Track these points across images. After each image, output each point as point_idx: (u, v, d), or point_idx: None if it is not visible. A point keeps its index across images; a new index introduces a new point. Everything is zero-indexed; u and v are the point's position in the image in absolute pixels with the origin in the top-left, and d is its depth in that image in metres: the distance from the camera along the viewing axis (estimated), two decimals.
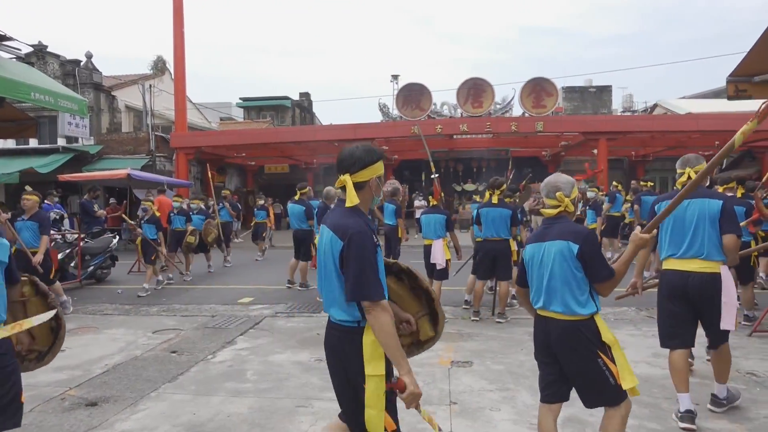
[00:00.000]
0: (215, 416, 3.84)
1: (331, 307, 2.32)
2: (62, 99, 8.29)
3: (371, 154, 2.32)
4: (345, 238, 2.18)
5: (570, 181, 2.88)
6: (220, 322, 6.76)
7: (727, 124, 17.19)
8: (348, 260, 2.15)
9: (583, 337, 2.68)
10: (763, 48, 6.12)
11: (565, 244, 2.69)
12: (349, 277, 2.15)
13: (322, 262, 2.34)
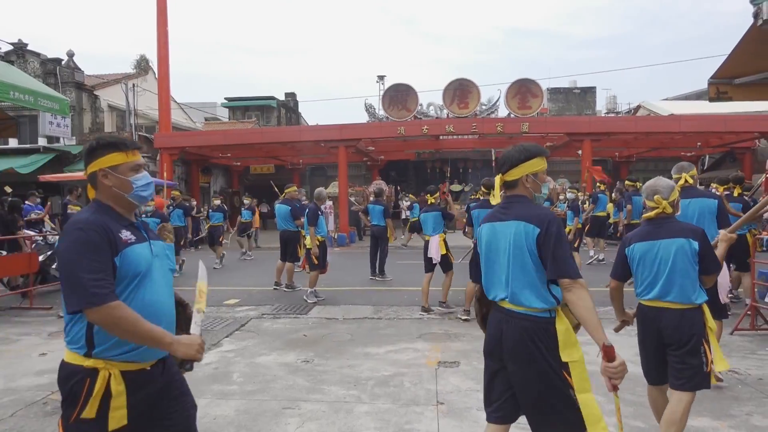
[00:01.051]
0: (201, 419, 3.78)
1: (520, 297, 2.33)
2: (43, 98, 8.18)
3: (523, 152, 2.46)
4: (543, 224, 2.30)
5: (669, 185, 3.10)
6: (205, 323, 6.70)
7: (708, 126, 17.48)
8: (548, 243, 2.26)
9: (697, 322, 2.97)
10: (744, 51, 6.23)
11: (686, 241, 2.98)
12: (550, 259, 2.25)
13: (504, 255, 2.39)
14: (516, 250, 2.35)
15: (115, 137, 2.05)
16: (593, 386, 2.31)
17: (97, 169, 1.97)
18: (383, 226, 10.09)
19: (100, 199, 1.98)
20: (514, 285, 2.35)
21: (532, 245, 2.31)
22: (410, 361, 5.06)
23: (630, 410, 3.82)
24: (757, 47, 6.06)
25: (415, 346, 5.58)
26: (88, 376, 1.84)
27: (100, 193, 1.99)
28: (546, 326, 2.31)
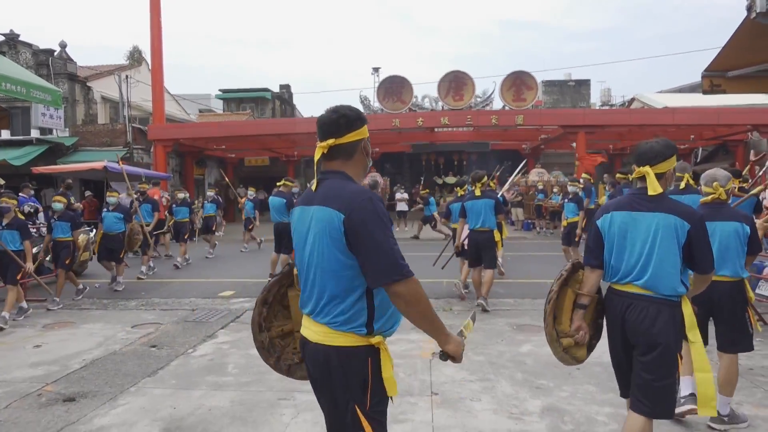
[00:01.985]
0: (196, 410, 3.82)
1: (659, 283, 2.55)
2: (35, 90, 8.10)
3: (671, 148, 2.70)
4: (694, 221, 2.56)
5: (726, 176, 3.52)
6: (200, 315, 6.71)
7: (702, 118, 17.54)
8: (699, 239, 2.55)
9: (742, 293, 3.45)
10: (737, 44, 6.26)
11: (740, 225, 3.42)
12: (699, 254, 2.56)
13: (644, 243, 2.60)
14: (663, 241, 2.56)
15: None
16: None
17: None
18: None
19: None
20: (654, 272, 2.56)
21: (681, 239, 2.55)
22: (404, 352, 5.09)
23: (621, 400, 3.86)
24: (751, 40, 6.08)
25: (409, 337, 5.60)
26: (369, 355, 1.83)
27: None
28: (676, 309, 2.58)
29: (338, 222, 1.79)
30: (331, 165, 1.97)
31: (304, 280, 1.94)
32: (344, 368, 1.83)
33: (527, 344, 5.27)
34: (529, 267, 10.33)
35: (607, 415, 3.60)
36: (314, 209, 1.89)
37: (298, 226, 1.99)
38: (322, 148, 1.94)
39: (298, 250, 1.99)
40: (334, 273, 1.83)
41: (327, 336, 1.85)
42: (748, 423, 3.43)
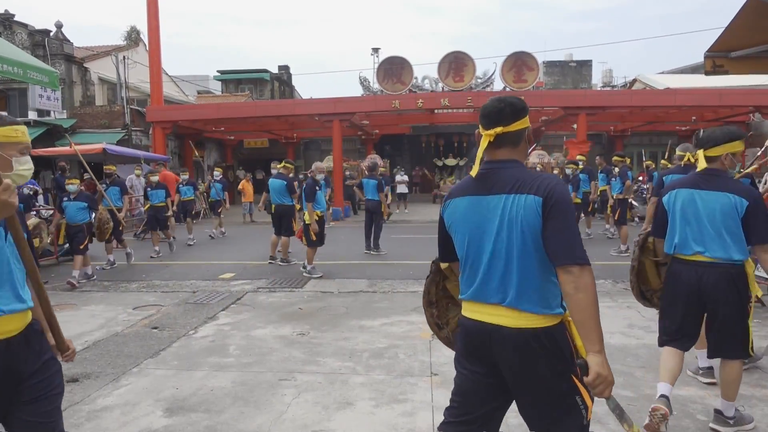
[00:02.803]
0: (198, 390, 3.85)
1: (727, 252, 3.01)
2: (32, 71, 8.02)
3: (728, 134, 3.09)
4: (751, 198, 2.97)
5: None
6: (201, 297, 6.74)
7: (703, 100, 17.44)
8: (757, 214, 2.95)
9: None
10: (741, 24, 6.18)
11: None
12: (759, 226, 2.95)
13: (707, 219, 3.05)
14: (724, 217, 3.00)
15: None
16: None
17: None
18: (377, 200, 10.10)
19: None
20: (720, 243, 3.01)
21: (740, 214, 2.97)
22: (404, 333, 5.12)
23: (620, 380, 3.90)
24: (755, 20, 6.01)
25: (409, 318, 5.64)
26: (565, 329, 1.94)
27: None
28: (743, 271, 3.05)
29: (536, 206, 1.85)
30: (499, 153, 2.01)
31: (487, 270, 1.96)
32: (552, 347, 1.90)
33: None
34: None
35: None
36: (501, 198, 1.92)
37: (470, 216, 2.01)
38: (489, 136, 1.98)
39: (473, 240, 2.00)
40: (530, 258, 1.88)
41: (529, 320, 1.90)
42: (753, 424, 3.27)
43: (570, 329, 1.93)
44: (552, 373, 1.90)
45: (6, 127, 1.95)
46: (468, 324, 2.05)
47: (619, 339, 4.85)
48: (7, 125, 1.95)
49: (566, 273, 1.78)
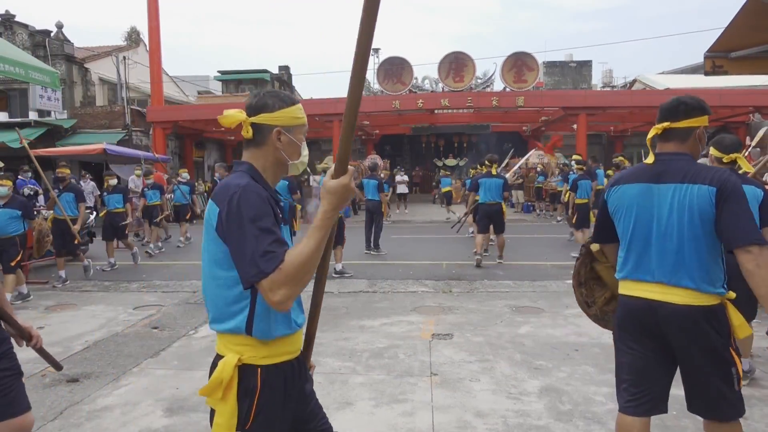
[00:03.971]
0: (198, 390, 3.85)
1: None
2: (33, 71, 8.04)
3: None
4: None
5: None
6: (201, 297, 6.74)
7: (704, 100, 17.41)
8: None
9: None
10: (741, 24, 6.19)
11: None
12: None
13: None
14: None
15: None
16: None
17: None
18: (378, 200, 10.11)
19: None
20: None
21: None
22: (404, 333, 5.13)
23: None
24: (755, 20, 6.01)
25: (409, 318, 5.65)
26: (725, 309, 2.21)
27: None
28: None
29: (710, 195, 2.07)
30: (667, 147, 2.26)
31: (655, 251, 2.19)
32: (716, 323, 2.14)
33: (526, 326, 5.30)
34: (528, 249, 10.35)
35: (605, 396, 3.63)
36: (672, 186, 2.17)
37: (640, 202, 2.24)
38: (656, 130, 2.25)
39: (640, 223, 2.23)
40: (698, 241, 2.11)
41: (696, 298, 2.13)
42: None
43: (728, 309, 2.17)
44: (715, 346, 2.13)
45: (293, 107, 1.68)
46: (630, 302, 2.28)
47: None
48: (294, 105, 1.69)
49: (746, 253, 2.00)
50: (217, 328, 1.64)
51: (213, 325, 1.66)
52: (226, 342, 1.63)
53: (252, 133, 1.67)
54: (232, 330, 1.60)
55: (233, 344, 1.61)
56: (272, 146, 1.67)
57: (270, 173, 1.69)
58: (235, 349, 1.60)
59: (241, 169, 1.67)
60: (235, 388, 1.58)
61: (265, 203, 1.54)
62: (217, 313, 1.63)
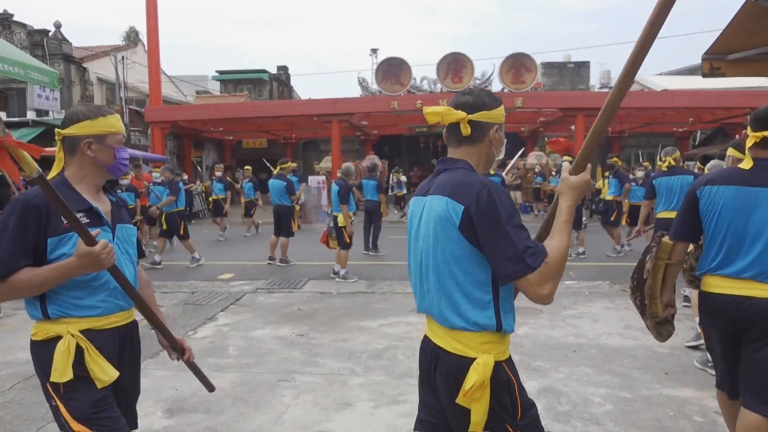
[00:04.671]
0: (198, 391, 3.86)
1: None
2: (32, 71, 8.04)
3: None
4: None
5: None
6: (200, 298, 6.76)
7: (701, 102, 17.50)
8: None
9: None
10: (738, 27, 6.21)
11: None
12: None
13: None
14: None
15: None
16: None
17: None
18: (377, 201, 10.13)
19: None
20: None
21: None
22: (403, 334, 5.15)
23: (617, 381, 3.93)
24: (752, 23, 6.03)
25: (407, 319, 5.66)
26: None
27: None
28: None
29: None
30: (765, 153, 2.40)
31: (748, 250, 2.34)
32: None
33: (524, 327, 5.32)
34: None
35: (603, 396, 3.66)
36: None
37: (735, 203, 2.37)
38: (755, 138, 2.38)
39: (735, 224, 2.37)
40: None
41: None
42: None
43: None
44: None
45: (502, 105, 1.77)
46: (716, 297, 2.43)
47: (617, 340, 4.88)
48: (502, 104, 1.78)
49: None
50: (454, 324, 1.67)
51: (448, 321, 1.68)
52: (466, 340, 1.66)
53: (470, 130, 1.71)
54: (482, 327, 1.64)
55: (478, 342, 1.65)
56: (488, 143, 1.75)
57: (480, 170, 1.77)
58: (482, 347, 1.64)
59: (462, 166, 1.72)
60: (489, 385, 1.62)
61: (510, 199, 1.65)
62: (455, 311, 1.66)
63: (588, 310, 5.88)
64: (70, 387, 1.82)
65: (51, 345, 1.82)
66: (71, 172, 1.93)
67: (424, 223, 1.74)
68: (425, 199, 1.76)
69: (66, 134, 1.90)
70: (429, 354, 1.79)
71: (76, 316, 1.84)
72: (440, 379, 1.74)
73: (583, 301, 6.24)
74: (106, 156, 1.92)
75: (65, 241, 1.81)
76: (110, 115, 1.94)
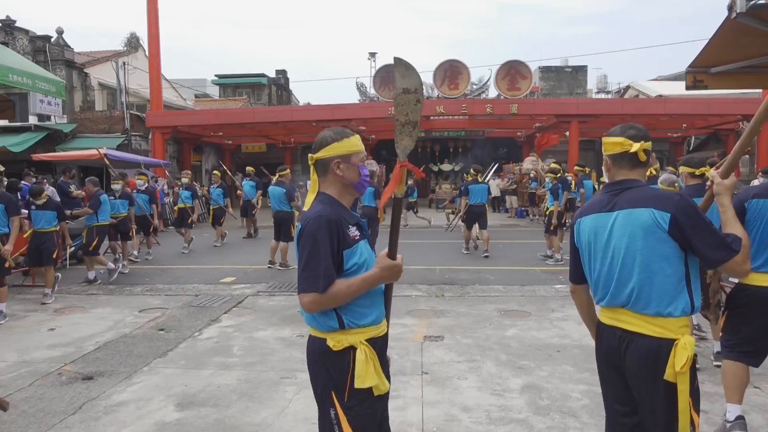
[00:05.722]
0: (206, 387, 4.15)
1: None
2: (40, 80, 8.31)
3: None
4: None
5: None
6: (203, 301, 7.03)
7: (693, 108, 17.82)
8: None
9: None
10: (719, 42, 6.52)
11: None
12: None
13: None
14: None
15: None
16: None
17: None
18: (374, 206, 10.40)
19: None
20: None
21: None
22: (398, 335, 5.42)
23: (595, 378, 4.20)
24: (732, 38, 6.33)
25: (403, 321, 5.94)
26: None
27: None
28: None
29: None
30: None
31: None
32: None
33: (513, 328, 5.61)
34: (520, 255, 10.66)
35: (581, 392, 3.95)
36: None
37: None
38: None
39: None
40: None
41: None
42: None
43: None
44: None
45: None
46: (760, 290, 3.15)
47: None
48: None
49: None
50: (660, 312, 2.05)
51: (653, 309, 2.06)
52: (668, 325, 2.05)
53: (645, 156, 2.20)
54: (684, 312, 2.05)
55: (678, 326, 2.05)
56: (648, 166, 2.26)
57: None
58: (680, 330, 2.05)
59: (641, 184, 2.20)
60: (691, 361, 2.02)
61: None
62: (663, 302, 2.05)
63: (574, 313, 6.09)
64: (356, 398, 1.97)
65: (346, 354, 1.96)
66: (329, 192, 2.10)
67: (618, 233, 2.14)
68: (613, 213, 2.17)
69: (317, 158, 2.08)
70: (616, 341, 2.17)
71: (362, 326, 1.99)
72: (634, 361, 2.09)
73: (570, 305, 6.48)
74: (352, 174, 2.09)
75: (355, 252, 1.99)
76: (353, 136, 2.11)
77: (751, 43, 6.11)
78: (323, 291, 1.89)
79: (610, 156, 2.24)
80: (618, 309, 2.16)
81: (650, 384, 2.07)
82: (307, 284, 1.92)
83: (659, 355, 2.03)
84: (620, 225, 2.13)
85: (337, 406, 1.98)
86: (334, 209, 2.01)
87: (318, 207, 2.01)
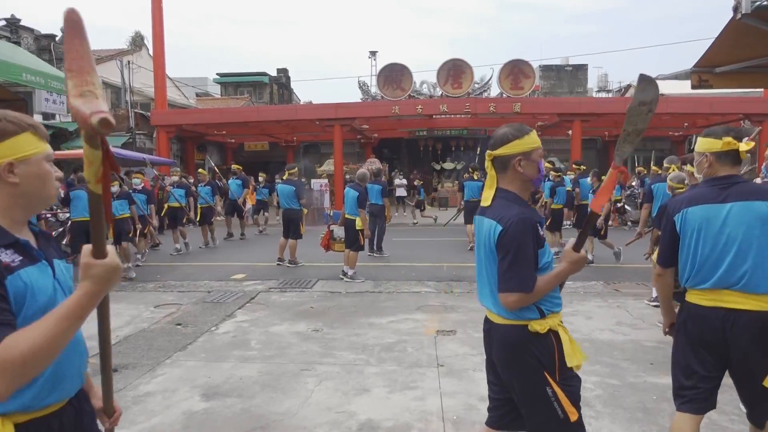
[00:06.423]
0: (228, 379, 4.27)
1: None
2: (52, 80, 8.42)
3: None
4: None
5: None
6: (216, 297, 7.15)
7: (694, 107, 17.96)
8: None
9: None
10: (724, 42, 6.65)
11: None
12: None
13: None
14: None
15: None
16: None
17: None
18: (381, 204, 10.53)
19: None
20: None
21: None
22: (411, 330, 5.55)
23: (607, 371, 4.34)
24: (737, 38, 6.46)
25: (414, 317, 6.07)
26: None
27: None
28: None
29: None
30: None
31: None
32: None
33: None
34: None
35: (594, 383, 4.07)
36: None
37: None
38: None
39: None
40: None
41: None
42: None
43: None
44: None
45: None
46: None
47: (608, 335, 5.29)
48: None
49: None
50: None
51: (765, 288, 2.35)
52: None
53: (745, 155, 2.48)
54: None
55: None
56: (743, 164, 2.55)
57: None
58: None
59: (747, 179, 2.45)
60: None
61: None
62: None
63: (582, 308, 6.29)
64: (565, 374, 2.09)
65: (548, 336, 2.08)
66: (511, 189, 2.16)
67: (734, 222, 2.37)
68: (726, 205, 2.40)
69: (497, 154, 2.13)
70: (719, 321, 2.38)
71: (556, 312, 2.15)
72: (743, 334, 2.32)
73: (578, 300, 6.65)
74: (531, 170, 2.13)
75: (546, 250, 2.12)
76: (532, 132, 2.15)
77: (756, 43, 6.24)
78: (531, 291, 2.03)
79: (714, 153, 2.45)
80: (722, 291, 2.38)
81: (762, 350, 2.31)
82: (512, 284, 2.03)
83: (765, 325, 2.32)
84: (736, 214, 2.38)
85: (553, 384, 2.06)
86: (527, 209, 2.10)
87: (515, 208, 2.08)
